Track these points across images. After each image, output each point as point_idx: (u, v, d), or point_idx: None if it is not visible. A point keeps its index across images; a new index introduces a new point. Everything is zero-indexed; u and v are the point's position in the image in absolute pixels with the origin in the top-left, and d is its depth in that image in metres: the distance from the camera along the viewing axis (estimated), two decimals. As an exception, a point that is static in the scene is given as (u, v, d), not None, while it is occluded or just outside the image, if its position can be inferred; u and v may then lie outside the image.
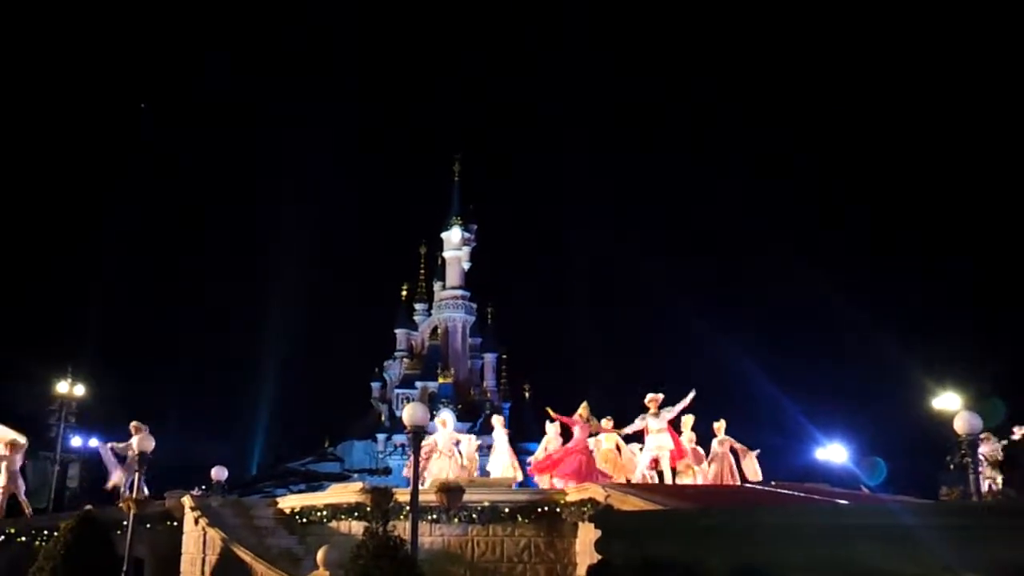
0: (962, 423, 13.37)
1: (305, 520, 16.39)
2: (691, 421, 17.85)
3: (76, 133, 72.20)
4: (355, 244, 77.45)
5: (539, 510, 14.64)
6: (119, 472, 18.46)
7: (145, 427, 16.94)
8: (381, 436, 47.10)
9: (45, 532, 15.76)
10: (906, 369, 31.10)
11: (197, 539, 15.73)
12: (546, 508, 14.65)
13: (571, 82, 75.59)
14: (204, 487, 21.65)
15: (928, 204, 59.64)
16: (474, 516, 14.74)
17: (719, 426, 18.27)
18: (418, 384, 47.59)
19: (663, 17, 76.62)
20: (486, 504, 14.80)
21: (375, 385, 51.39)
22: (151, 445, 16.54)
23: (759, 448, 18.38)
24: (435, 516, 14.82)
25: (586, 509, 13.81)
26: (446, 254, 50.38)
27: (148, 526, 16.76)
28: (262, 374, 50.44)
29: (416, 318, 51.79)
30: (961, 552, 5.46)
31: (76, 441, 27.34)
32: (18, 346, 37.39)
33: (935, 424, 19.68)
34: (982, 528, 5.87)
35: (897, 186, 62.13)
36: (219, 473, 21.39)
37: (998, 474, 16.43)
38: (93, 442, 26.02)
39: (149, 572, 16.95)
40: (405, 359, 50.14)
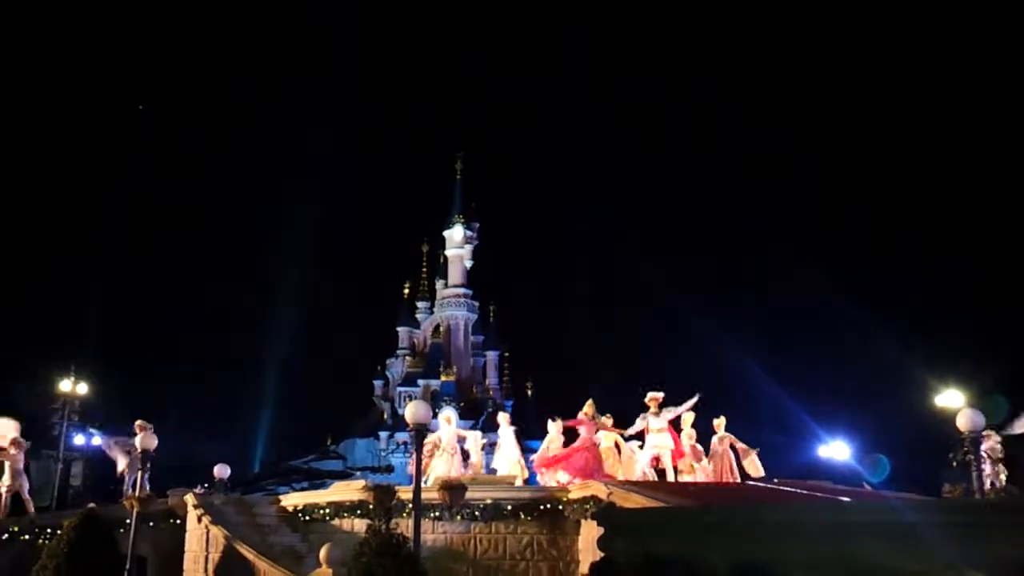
0: (965, 420, 13.37)
1: (308, 518, 16.41)
2: (691, 418, 17.85)
3: (76, 133, 72.34)
4: (356, 243, 77.69)
5: (541, 507, 14.65)
6: (124, 459, 18.61)
7: (150, 426, 17.01)
8: (383, 434, 47.19)
9: (48, 530, 15.76)
10: (907, 368, 31.09)
11: (200, 537, 15.76)
12: (548, 505, 14.66)
13: (571, 82, 75.60)
14: (207, 485, 21.69)
15: (928, 204, 59.68)
16: (477, 514, 14.74)
17: (719, 423, 18.28)
18: (420, 382, 47.63)
19: (663, 17, 76.58)
20: (488, 501, 14.80)
21: (377, 383, 51.44)
22: (154, 443, 16.60)
23: (761, 446, 18.37)
24: (438, 514, 14.81)
25: (588, 506, 13.80)
26: (448, 252, 50.39)
27: (151, 524, 16.79)
28: (264, 372, 50.62)
29: (418, 316, 51.82)
30: (964, 549, 5.45)
31: (79, 439, 27.39)
32: (19, 345, 37.45)
33: (937, 421, 19.65)
34: (985, 525, 5.86)
35: (897, 186, 62.18)
36: (222, 471, 21.43)
37: (1002, 470, 16.42)
38: (96, 440, 26.11)
39: (152, 570, 16.97)
40: (407, 357, 50.17)
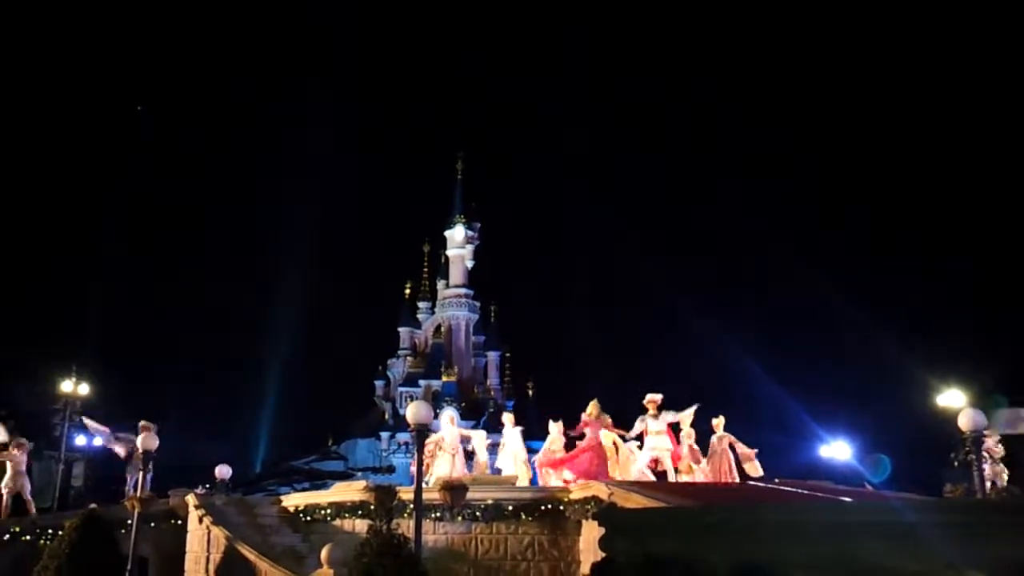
0: (966, 420, 13.36)
1: (309, 518, 16.41)
2: (690, 418, 17.85)
3: (76, 133, 72.37)
4: (356, 243, 77.65)
5: (542, 508, 14.64)
6: (123, 448, 18.70)
7: (154, 426, 17.03)
8: (385, 434, 47.16)
9: (50, 531, 15.77)
10: (907, 368, 31.07)
11: (201, 537, 15.77)
12: (549, 506, 14.66)
13: (571, 82, 75.62)
14: (208, 485, 21.68)
15: (928, 204, 59.65)
16: (478, 514, 14.74)
17: (717, 423, 18.30)
18: (421, 382, 47.61)
19: (663, 17, 76.59)
20: (490, 502, 14.80)
21: (378, 383, 51.42)
22: (155, 444, 16.60)
23: (761, 446, 18.40)
24: (439, 514, 14.80)
25: (589, 507, 13.80)
26: (449, 252, 50.37)
27: (152, 525, 16.80)
28: (265, 372, 50.60)
29: (419, 316, 51.80)
30: (964, 549, 5.45)
31: (80, 440, 27.40)
32: (19, 345, 37.43)
33: (939, 421, 19.63)
34: (986, 525, 5.86)
35: (897, 186, 62.13)
36: (223, 471, 21.42)
37: (1003, 470, 16.40)
38: (98, 440, 26.10)
39: (153, 570, 16.98)
40: (408, 357, 50.14)
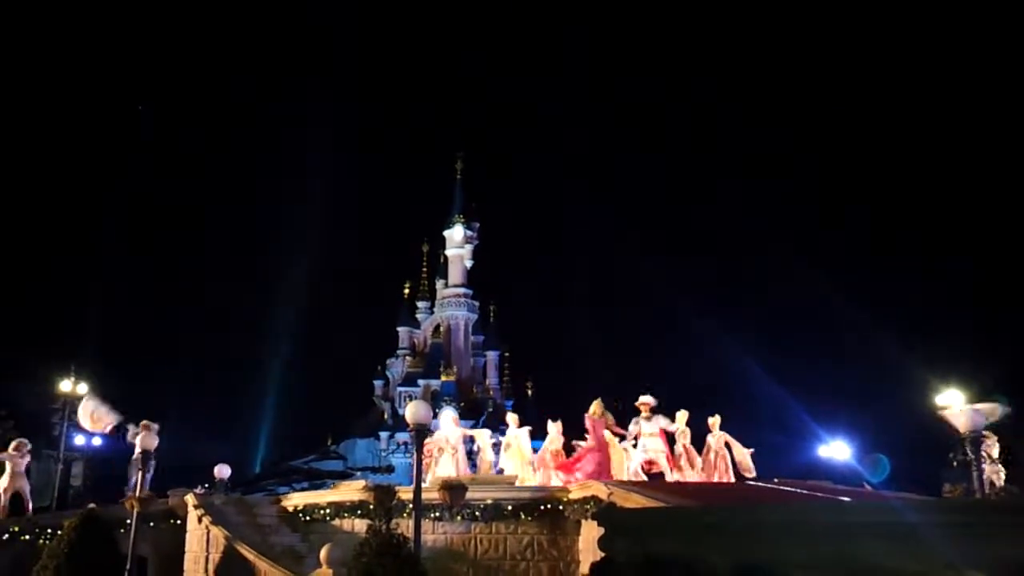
0: (965, 420, 13.35)
1: (308, 518, 16.41)
2: (685, 417, 17.82)
3: (76, 133, 72.39)
4: (356, 243, 77.69)
5: (542, 507, 14.63)
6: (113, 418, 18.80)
7: (155, 426, 17.01)
8: (384, 434, 47.21)
9: (49, 530, 15.74)
10: (907, 368, 31.10)
11: (200, 537, 15.76)
12: (549, 506, 14.64)
13: (571, 82, 75.65)
14: (207, 485, 21.68)
15: (928, 204, 59.72)
16: (477, 514, 14.73)
17: (713, 422, 18.26)
18: (421, 382, 47.66)
19: (663, 17, 76.62)
20: (489, 502, 14.79)
21: (377, 383, 51.45)
22: (154, 443, 16.58)
23: (761, 446, 18.38)
24: (438, 514, 14.80)
25: (589, 506, 13.79)
26: (448, 252, 50.37)
27: (152, 524, 16.78)
28: (264, 373, 50.71)
29: (418, 316, 51.82)
30: (964, 549, 5.45)
31: (80, 440, 27.38)
32: (19, 345, 37.45)
33: (938, 421, 19.63)
34: (985, 525, 5.86)
35: (897, 186, 62.22)
36: (222, 471, 21.41)
37: (1000, 469, 16.41)
38: (97, 440, 26.11)
39: (152, 570, 16.97)
40: (407, 357, 50.18)
